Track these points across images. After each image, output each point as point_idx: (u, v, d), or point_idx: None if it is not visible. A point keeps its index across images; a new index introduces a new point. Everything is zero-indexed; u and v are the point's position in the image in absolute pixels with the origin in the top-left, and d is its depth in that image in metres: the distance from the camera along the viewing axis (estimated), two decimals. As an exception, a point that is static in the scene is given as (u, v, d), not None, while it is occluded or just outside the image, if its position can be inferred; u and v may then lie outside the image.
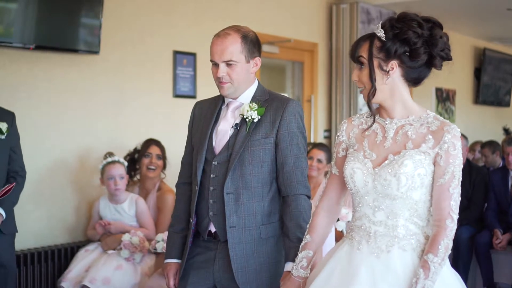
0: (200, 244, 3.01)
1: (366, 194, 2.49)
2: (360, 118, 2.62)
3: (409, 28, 2.39)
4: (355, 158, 2.52)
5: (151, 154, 4.97)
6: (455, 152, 2.39)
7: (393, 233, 2.44)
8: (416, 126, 2.46)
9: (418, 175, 2.40)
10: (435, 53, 2.42)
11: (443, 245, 2.36)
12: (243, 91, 2.97)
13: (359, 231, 2.51)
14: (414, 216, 2.45)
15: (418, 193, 2.43)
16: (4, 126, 4.02)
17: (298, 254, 2.66)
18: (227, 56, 2.88)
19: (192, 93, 5.85)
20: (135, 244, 4.47)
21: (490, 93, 10.97)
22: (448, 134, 2.40)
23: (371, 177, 2.46)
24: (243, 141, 2.89)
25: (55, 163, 4.87)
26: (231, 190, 2.88)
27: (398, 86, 2.47)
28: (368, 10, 7.45)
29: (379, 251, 2.43)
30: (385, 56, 2.43)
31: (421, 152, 2.41)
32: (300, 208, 2.87)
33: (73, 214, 5.02)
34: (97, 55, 4.95)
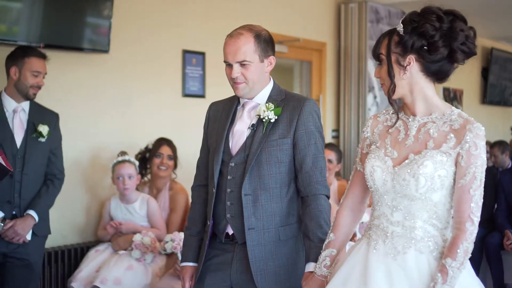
0: (217, 246, 2.98)
1: (385, 193, 2.45)
2: (385, 115, 2.58)
3: (426, 21, 2.34)
4: (376, 155, 2.48)
5: (162, 154, 4.95)
6: (477, 152, 2.31)
7: (410, 235, 2.39)
8: (439, 124, 2.39)
9: (439, 176, 2.34)
10: (455, 47, 2.35)
11: (462, 249, 2.28)
12: (259, 91, 2.93)
13: (376, 230, 2.47)
14: (433, 218, 2.39)
15: (438, 194, 2.37)
16: (45, 129, 4.04)
17: (321, 253, 2.63)
18: (240, 57, 2.84)
19: (201, 93, 5.82)
20: (147, 245, 4.44)
21: (496, 93, 10.93)
22: (470, 133, 2.32)
23: (390, 176, 2.41)
24: (260, 141, 2.86)
25: (64, 162, 4.81)
26: (248, 191, 2.85)
27: (418, 82, 2.41)
28: (377, 9, 7.41)
29: (396, 252, 2.39)
30: (402, 50, 2.38)
31: (442, 152, 2.35)
32: (320, 208, 2.84)
33: (83, 214, 4.99)
34: (107, 54, 4.93)
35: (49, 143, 4.08)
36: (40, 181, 4.09)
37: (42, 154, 4.07)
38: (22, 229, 3.93)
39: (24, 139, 4.02)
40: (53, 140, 4.10)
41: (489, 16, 8.68)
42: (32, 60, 4.00)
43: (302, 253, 2.92)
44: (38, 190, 4.07)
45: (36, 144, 4.03)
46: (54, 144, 4.13)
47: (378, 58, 2.47)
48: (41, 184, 4.10)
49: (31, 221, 3.98)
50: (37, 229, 4.03)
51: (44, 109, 4.17)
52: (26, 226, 3.96)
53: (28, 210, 4.00)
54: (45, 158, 4.09)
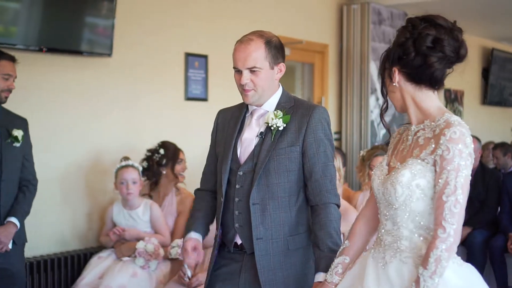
0: (226, 255, 2.94)
1: (380, 201, 2.46)
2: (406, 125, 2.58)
3: (401, 32, 2.40)
4: (380, 164, 2.51)
5: (182, 160, 4.97)
6: (449, 156, 2.24)
7: (397, 244, 2.38)
8: (427, 131, 2.37)
9: (417, 185, 2.31)
10: (422, 51, 2.34)
11: (433, 257, 2.22)
12: (267, 99, 2.88)
13: (377, 239, 2.49)
14: (419, 228, 2.36)
15: (420, 204, 2.33)
16: (20, 133, 3.94)
17: (334, 260, 2.60)
18: (251, 63, 2.79)
19: (204, 96, 5.78)
20: (150, 252, 4.40)
21: (495, 94, 10.91)
22: (444, 137, 2.26)
23: (381, 184, 2.43)
24: (268, 150, 2.81)
25: (66, 167, 4.80)
26: (257, 200, 2.80)
27: (408, 91, 2.42)
28: (379, 10, 7.37)
29: (384, 261, 2.39)
30: (389, 64, 2.42)
31: (421, 159, 2.32)
32: (330, 217, 2.79)
33: (85, 219, 4.95)
34: (110, 57, 4.88)
35: (22, 149, 3.98)
36: (15, 187, 3.97)
37: (16, 160, 3.96)
38: (5, 237, 3.82)
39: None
40: (25, 145, 4.00)
41: (490, 17, 8.66)
42: (2, 63, 3.89)
43: (311, 263, 2.87)
44: (15, 196, 3.96)
45: (11, 150, 3.92)
46: (26, 149, 4.02)
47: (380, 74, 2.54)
48: (17, 190, 3.97)
49: (13, 228, 3.87)
50: (16, 237, 3.92)
51: (12, 114, 4.04)
52: (9, 233, 3.85)
53: (8, 217, 3.88)
54: (19, 163, 3.98)
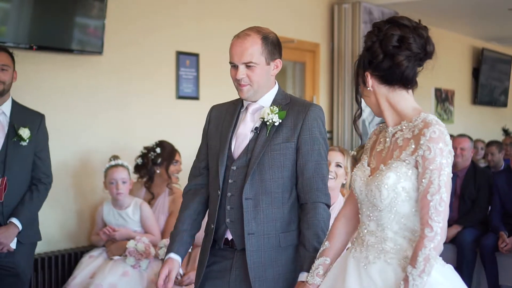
0: (216, 253, 2.91)
1: (362, 202, 2.46)
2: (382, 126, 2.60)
3: (367, 36, 2.41)
4: (360, 165, 2.51)
5: (177, 161, 4.96)
6: (431, 155, 2.26)
7: (381, 245, 2.38)
8: (405, 132, 2.38)
9: (402, 188, 2.32)
10: (389, 51, 2.35)
11: (422, 256, 2.23)
12: (263, 94, 2.87)
13: (358, 239, 2.49)
14: (404, 230, 2.36)
15: (405, 207, 2.34)
16: (25, 132, 3.85)
17: (315, 261, 2.59)
18: (247, 58, 2.79)
19: (195, 95, 5.76)
20: (141, 251, 4.38)
21: (486, 93, 10.95)
22: (423, 137, 2.28)
23: (364, 186, 2.43)
24: (263, 145, 2.80)
25: (56, 166, 4.76)
26: (250, 195, 2.78)
27: (382, 94, 2.43)
28: (370, 10, 7.38)
29: (367, 261, 2.39)
30: (361, 70, 2.44)
31: (402, 161, 2.33)
32: (318, 217, 2.78)
33: (76, 219, 4.92)
34: (100, 55, 4.86)
35: (32, 146, 3.90)
36: (23, 187, 3.91)
37: (24, 158, 3.88)
38: (5, 238, 3.77)
39: (5, 143, 3.83)
40: (37, 142, 3.92)
41: (480, 17, 8.69)
42: None
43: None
44: (22, 196, 3.90)
45: (17, 148, 3.84)
46: (39, 146, 3.94)
47: None
48: (25, 189, 3.92)
49: (14, 230, 3.82)
50: (23, 237, 3.86)
51: (27, 110, 3.99)
52: (9, 234, 3.80)
53: (11, 218, 3.83)
54: (28, 162, 3.90)
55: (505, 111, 11.62)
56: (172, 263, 2.91)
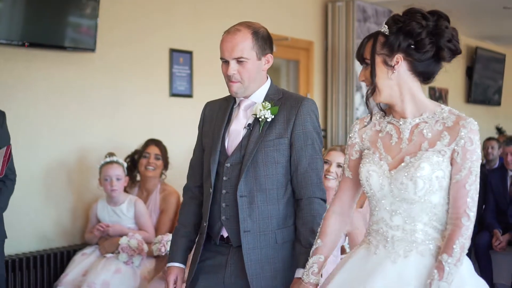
0: (211, 248, 2.90)
1: (382, 198, 2.41)
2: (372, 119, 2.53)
3: (412, 20, 2.33)
4: (371, 160, 2.44)
5: (149, 154, 4.89)
6: (472, 147, 2.29)
7: (411, 238, 2.35)
8: (431, 124, 2.37)
9: (436, 177, 2.31)
10: (442, 44, 2.33)
11: (458, 245, 2.24)
12: (255, 90, 2.85)
13: (376, 235, 2.43)
14: (433, 220, 2.35)
15: (436, 196, 2.34)
16: None
17: (309, 260, 2.56)
18: (237, 53, 2.77)
19: (189, 92, 5.74)
20: (133, 247, 4.36)
21: (480, 92, 10.96)
22: (464, 129, 2.30)
23: (387, 180, 2.38)
24: (256, 141, 2.78)
25: (50, 163, 4.75)
26: (244, 193, 2.77)
27: (406, 81, 2.38)
28: (364, 8, 7.37)
29: (396, 255, 2.35)
30: (389, 50, 2.36)
31: (437, 151, 2.32)
32: (313, 212, 2.76)
33: (69, 216, 4.89)
34: (93, 53, 4.83)
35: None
36: None
37: None
38: None
39: None
40: (1, 139, 3.82)
41: (474, 16, 8.68)
42: None
43: None
44: None
45: None
46: (2, 144, 3.82)
47: (362, 60, 2.44)
48: None
49: None
50: None
51: None
52: None
53: None
54: None
55: (499, 110, 11.63)
56: (178, 270, 2.94)
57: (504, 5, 7.85)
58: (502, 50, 11.52)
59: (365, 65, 2.42)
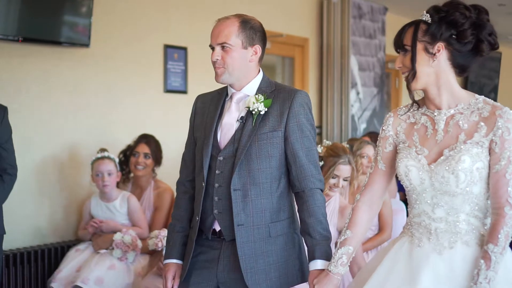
0: (203, 243, 2.89)
1: (423, 192, 2.45)
2: (405, 111, 2.56)
3: (456, 10, 2.37)
4: (408, 155, 2.47)
5: (138, 153, 4.86)
6: (510, 136, 2.33)
7: (454, 229, 2.40)
8: (467, 114, 2.40)
9: (477, 169, 2.36)
10: (483, 36, 2.38)
11: (503, 234, 2.30)
12: (242, 80, 2.84)
13: (418, 228, 2.47)
14: (475, 210, 2.40)
15: (478, 187, 2.38)
16: None
17: (337, 250, 2.58)
18: (222, 39, 2.77)
19: (183, 88, 5.73)
20: (127, 243, 4.35)
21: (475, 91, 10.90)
22: (501, 118, 2.34)
23: (427, 174, 2.41)
24: (250, 134, 2.77)
25: (44, 159, 4.73)
26: (238, 186, 2.75)
27: (445, 70, 2.42)
28: (359, 4, 7.37)
29: (442, 247, 2.40)
30: (431, 39, 2.39)
31: (475, 143, 2.35)
32: (317, 203, 2.76)
33: (63, 212, 4.88)
34: (87, 48, 4.82)
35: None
36: None
37: None
38: None
39: None
40: (2, 134, 3.82)
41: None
42: None
43: (292, 251, 2.84)
44: None
45: None
46: (3, 138, 3.84)
47: (401, 47, 2.46)
48: None
49: None
50: None
51: None
52: None
53: None
54: None
55: (508, 108, 11.64)
56: (176, 266, 2.94)
57: (499, 2, 7.84)
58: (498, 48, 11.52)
59: (404, 52, 2.45)
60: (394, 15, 7.98)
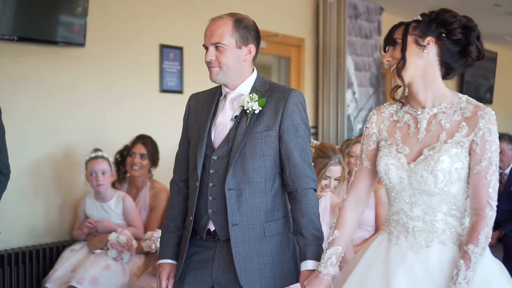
0: (198, 243, 2.88)
1: (402, 190, 2.46)
2: (389, 109, 2.58)
3: (446, 12, 2.43)
4: (388, 153, 2.49)
5: (135, 153, 4.85)
6: (491, 137, 2.35)
7: (431, 228, 2.41)
8: (449, 114, 2.42)
9: (456, 169, 2.37)
10: (472, 39, 2.41)
11: (483, 235, 2.31)
12: (237, 80, 2.83)
13: (397, 226, 2.49)
14: (453, 209, 2.42)
15: (456, 187, 2.39)
16: None
17: (326, 251, 2.59)
18: (215, 39, 2.76)
19: (179, 88, 5.72)
20: (123, 243, 4.34)
21: (471, 91, 10.97)
22: (482, 119, 2.36)
23: (406, 173, 2.43)
24: (244, 134, 2.76)
25: (39, 159, 4.72)
26: (232, 186, 2.75)
27: (433, 65, 2.44)
28: (355, 4, 7.37)
29: (418, 246, 2.41)
30: (421, 32, 2.42)
31: (455, 143, 2.37)
32: (310, 203, 2.76)
33: (57, 212, 4.87)
34: (83, 48, 4.81)
35: None
36: None
37: None
38: None
39: None
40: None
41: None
42: None
43: (287, 250, 2.84)
44: None
45: None
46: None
47: (392, 42, 2.49)
48: None
49: None
50: None
51: None
52: None
53: None
54: None
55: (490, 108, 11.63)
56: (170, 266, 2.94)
57: (495, 2, 7.85)
58: (493, 48, 11.54)
59: (393, 46, 2.48)
60: (390, 15, 7.98)
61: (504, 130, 9.89)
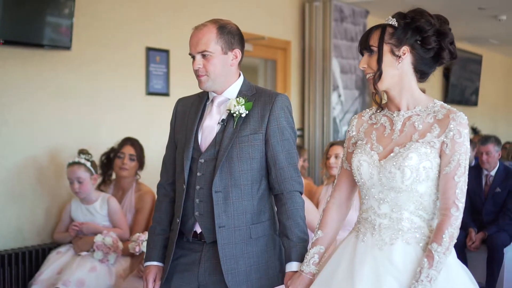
0: (184, 245, 2.90)
1: (372, 187, 2.51)
2: (369, 113, 2.65)
3: (421, 17, 2.45)
4: (362, 150, 2.54)
5: (123, 154, 4.86)
6: (460, 139, 2.39)
7: (397, 226, 2.45)
8: (423, 116, 2.47)
9: (423, 168, 2.40)
10: (445, 45, 2.47)
11: (448, 234, 2.34)
12: (224, 85, 2.86)
13: (365, 223, 2.53)
14: (419, 209, 2.45)
15: (423, 186, 2.43)
16: None
17: (309, 250, 2.64)
18: (201, 47, 2.79)
19: (165, 91, 5.73)
20: (108, 245, 4.35)
21: (457, 93, 11.05)
22: (453, 121, 2.41)
23: (376, 169, 2.47)
24: (231, 137, 2.79)
25: (25, 161, 4.72)
26: (219, 188, 2.77)
27: (407, 74, 2.48)
28: (341, 8, 7.41)
29: (383, 243, 2.44)
30: (397, 41, 2.46)
31: (426, 143, 2.42)
32: (296, 205, 2.80)
33: (43, 215, 4.86)
34: (69, 51, 4.81)
35: None
36: None
37: None
38: None
39: None
40: None
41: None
42: None
43: (273, 252, 2.87)
44: None
45: None
46: None
47: (367, 48, 2.52)
48: None
49: None
50: None
51: None
52: None
53: None
54: None
55: (476, 110, 11.73)
56: (157, 268, 2.96)
57: (479, 6, 7.92)
58: (478, 51, 11.63)
59: (370, 53, 2.51)
60: (376, 18, 8.02)
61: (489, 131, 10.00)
